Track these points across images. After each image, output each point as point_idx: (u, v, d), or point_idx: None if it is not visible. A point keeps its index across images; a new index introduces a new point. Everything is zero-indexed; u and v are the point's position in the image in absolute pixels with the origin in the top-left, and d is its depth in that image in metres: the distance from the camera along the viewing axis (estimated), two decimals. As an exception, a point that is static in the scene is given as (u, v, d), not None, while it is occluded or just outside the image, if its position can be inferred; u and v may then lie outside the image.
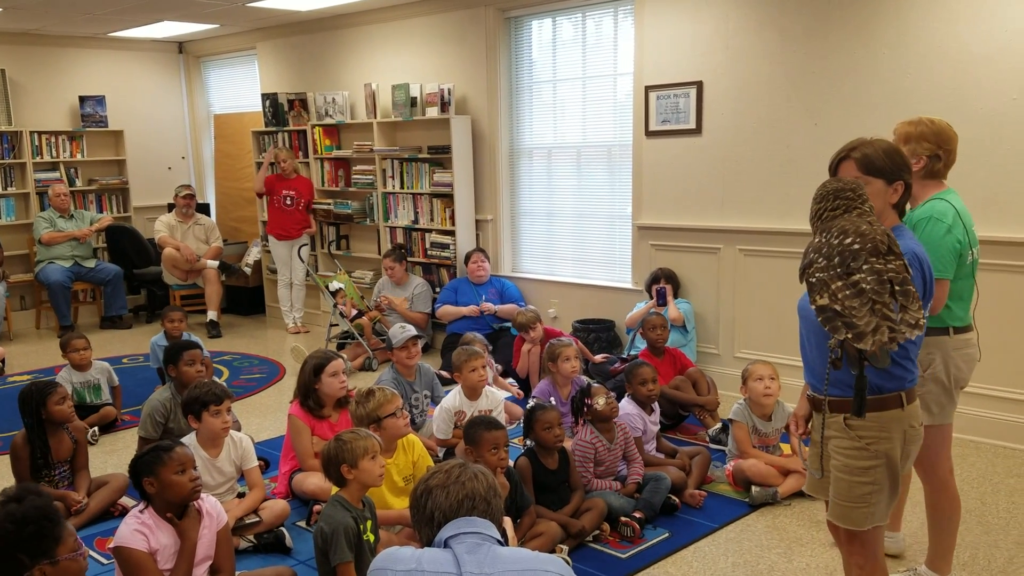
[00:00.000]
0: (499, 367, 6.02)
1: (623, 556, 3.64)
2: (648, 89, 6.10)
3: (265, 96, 8.76)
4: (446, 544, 1.90)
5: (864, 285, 2.18)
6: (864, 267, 2.20)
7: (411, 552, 1.93)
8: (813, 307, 2.25)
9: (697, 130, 5.90)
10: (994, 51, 4.63)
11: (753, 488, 4.10)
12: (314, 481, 3.98)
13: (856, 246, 2.22)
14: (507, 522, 2.51)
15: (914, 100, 4.89)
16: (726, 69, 5.71)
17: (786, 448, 4.46)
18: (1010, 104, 4.61)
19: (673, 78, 5.97)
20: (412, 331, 4.85)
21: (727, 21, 5.68)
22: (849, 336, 2.14)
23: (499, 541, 1.92)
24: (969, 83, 4.74)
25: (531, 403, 4.19)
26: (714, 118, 5.83)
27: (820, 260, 2.28)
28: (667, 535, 3.82)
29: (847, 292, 2.19)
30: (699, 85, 5.83)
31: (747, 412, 4.34)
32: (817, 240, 2.35)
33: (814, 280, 2.27)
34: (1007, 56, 4.59)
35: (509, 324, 6.64)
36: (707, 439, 4.98)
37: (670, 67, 5.98)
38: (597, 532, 3.79)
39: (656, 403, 4.54)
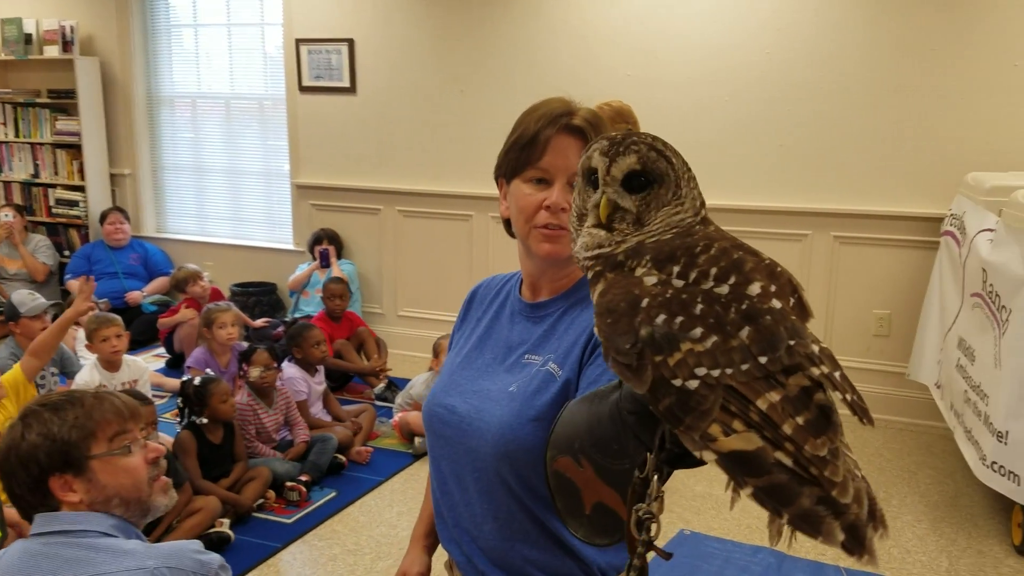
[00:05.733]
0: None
1: (289, 521, 3.60)
2: (299, 42, 5.93)
3: None
4: None
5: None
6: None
7: None
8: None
9: (352, 89, 5.87)
10: (612, 30, 5.13)
11: (416, 439, 4.25)
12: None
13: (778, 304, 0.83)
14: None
15: (545, 73, 5.28)
16: (376, 29, 5.73)
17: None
18: (624, 79, 5.14)
19: (324, 33, 5.86)
20: (43, 301, 4.29)
21: (378, -21, 5.69)
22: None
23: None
24: (590, 58, 5.21)
25: (189, 376, 3.93)
26: (368, 78, 5.83)
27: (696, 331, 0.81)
28: (334, 494, 3.84)
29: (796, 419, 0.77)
30: (351, 43, 5.79)
31: (431, 389, 4.42)
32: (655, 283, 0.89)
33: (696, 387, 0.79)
34: (623, 36, 5.12)
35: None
36: (373, 397, 5.05)
37: (321, 21, 5.86)
38: (262, 500, 3.69)
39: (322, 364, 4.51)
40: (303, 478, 3.83)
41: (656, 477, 0.83)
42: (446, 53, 5.59)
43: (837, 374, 0.78)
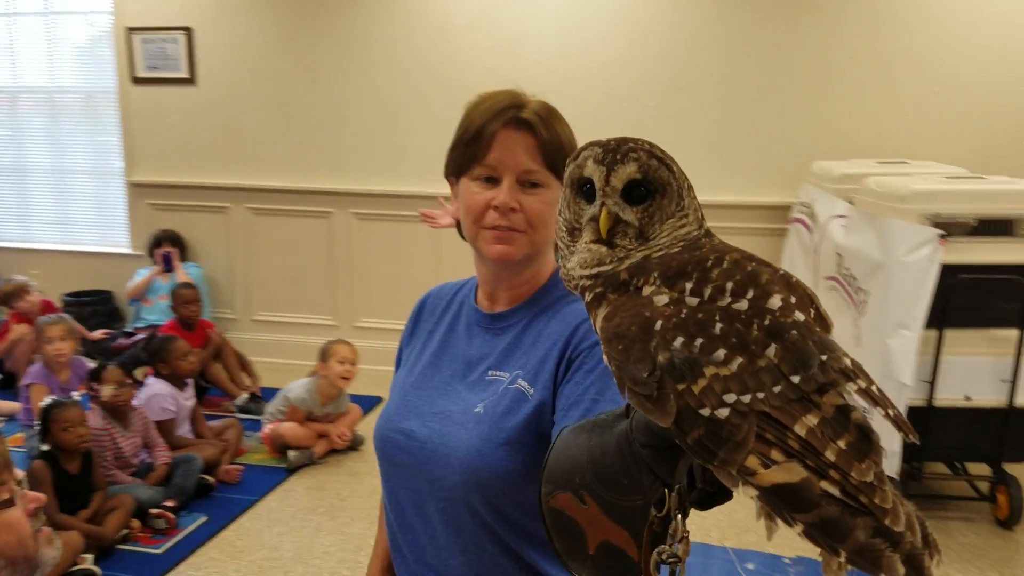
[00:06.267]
0: None
1: (159, 551, 3.34)
2: (131, 31, 5.50)
3: None
4: None
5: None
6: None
7: None
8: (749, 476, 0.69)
9: (191, 80, 5.50)
10: (471, 22, 5.07)
11: (290, 452, 4.05)
12: None
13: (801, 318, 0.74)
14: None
15: (403, 64, 5.16)
16: (216, 16, 5.40)
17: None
18: (486, 73, 5.09)
19: (159, 21, 5.46)
20: None
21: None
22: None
23: None
24: (450, 51, 5.13)
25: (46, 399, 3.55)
26: (209, 68, 5.48)
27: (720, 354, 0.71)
28: (205, 519, 3.59)
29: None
30: (189, 31, 5.43)
31: (313, 396, 4.23)
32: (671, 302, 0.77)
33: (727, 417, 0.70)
34: (483, 28, 5.06)
35: None
36: (234, 409, 4.76)
37: (154, 9, 5.47)
38: (126, 531, 3.40)
39: (191, 379, 4.20)
40: (169, 503, 3.55)
41: (680, 516, 0.76)
42: (295, 41, 5.34)
43: (875, 388, 0.71)
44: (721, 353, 0.69)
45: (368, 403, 4.76)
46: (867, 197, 3.58)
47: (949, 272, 3.21)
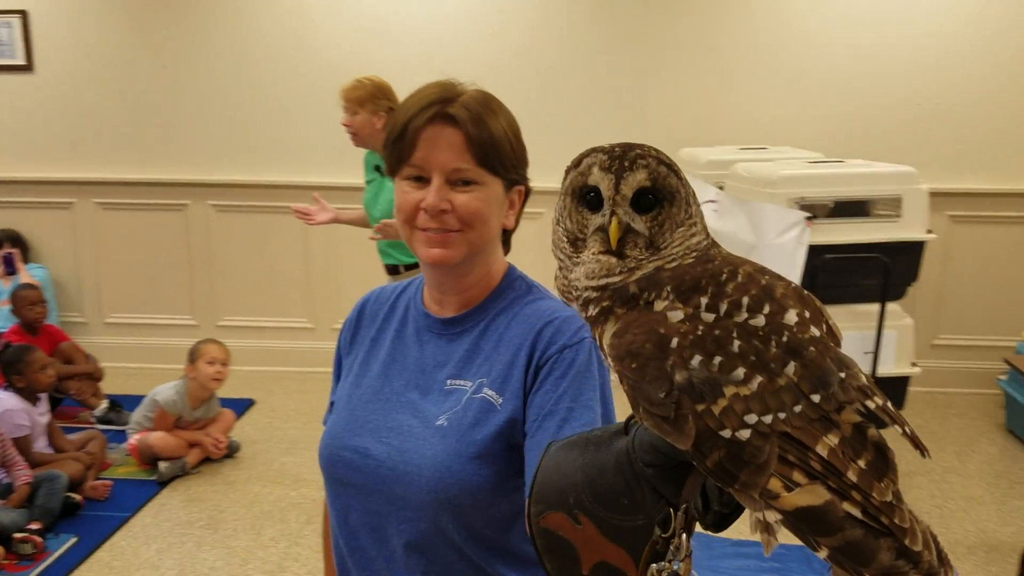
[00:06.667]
0: None
1: (25, 580, 3.07)
2: (-47, 12, 4.99)
3: None
4: None
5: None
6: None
7: None
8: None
9: (28, 67, 5.06)
10: (333, 3, 4.90)
11: (160, 464, 3.82)
12: None
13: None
14: None
15: (258, 48, 4.95)
16: (56, -3, 4.99)
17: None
18: (350, 56, 4.95)
19: (-11, 3, 4.99)
20: None
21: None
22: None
23: None
24: (311, 33, 4.94)
25: None
26: (49, 54, 5.06)
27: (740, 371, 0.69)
28: (75, 540, 3.34)
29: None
30: (24, 14, 4.98)
31: (184, 399, 4.00)
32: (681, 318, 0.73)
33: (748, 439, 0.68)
34: (344, 11, 4.92)
35: None
36: (93, 420, 4.44)
37: (-16, -11, 4.98)
38: (-15, 562, 3.11)
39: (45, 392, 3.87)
40: (34, 526, 3.27)
41: (684, 535, 0.74)
42: (143, 24, 5.00)
43: (890, 405, 0.71)
44: (741, 372, 0.67)
45: (240, 406, 4.57)
46: (736, 183, 3.73)
47: (815, 252, 3.41)
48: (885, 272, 3.48)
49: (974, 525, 3.48)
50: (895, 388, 3.65)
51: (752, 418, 0.66)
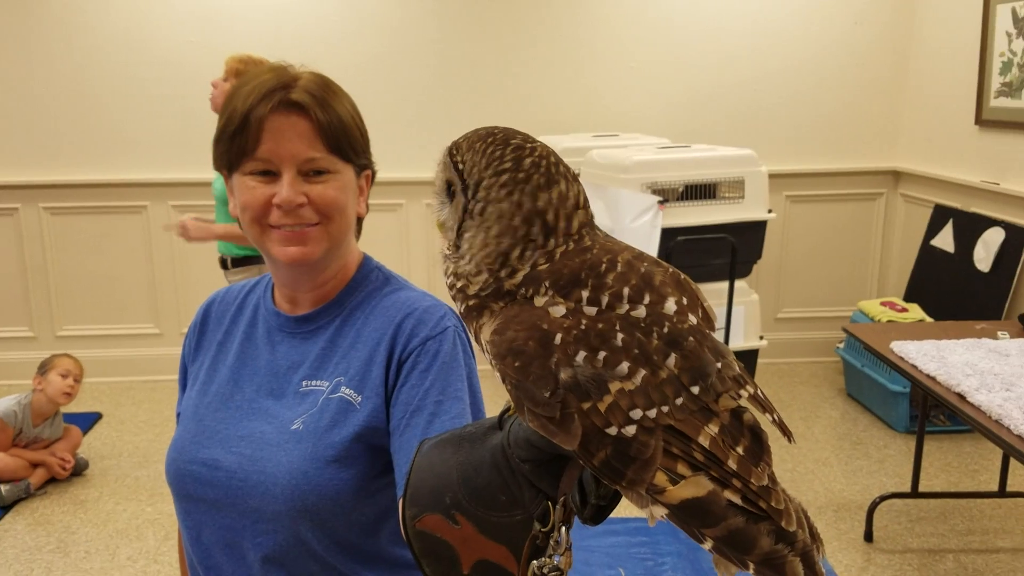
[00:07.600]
0: None
1: None
2: None
3: None
4: None
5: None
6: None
7: None
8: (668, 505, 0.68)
9: None
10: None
11: (2, 487, 3.54)
12: None
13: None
14: None
15: (89, 37, 4.65)
16: None
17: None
18: (186, 46, 4.72)
19: None
20: None
21: None
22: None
23: None
24: (145, 21, 4.68)
25: None
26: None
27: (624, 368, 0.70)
28: (-100, 581, 3.03)
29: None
30: None
31: (26, 412, 3.69)
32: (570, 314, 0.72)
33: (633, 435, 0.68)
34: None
35: None
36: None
37: None
38: None
39: None
40: None
41: (564, 528, 0.73)
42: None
43: (760, 392, 0.71)
44: (625, 367, 0.65)
45: (86, 421, 4.30)
46: (592, 169, 3.81)
47: (668, 234, 3.53)
48: (732, 251, 3.65)
49: (823, 486, 3.71)
50: (746, 360, 3.85)
51: (637, 413, 0.65)
